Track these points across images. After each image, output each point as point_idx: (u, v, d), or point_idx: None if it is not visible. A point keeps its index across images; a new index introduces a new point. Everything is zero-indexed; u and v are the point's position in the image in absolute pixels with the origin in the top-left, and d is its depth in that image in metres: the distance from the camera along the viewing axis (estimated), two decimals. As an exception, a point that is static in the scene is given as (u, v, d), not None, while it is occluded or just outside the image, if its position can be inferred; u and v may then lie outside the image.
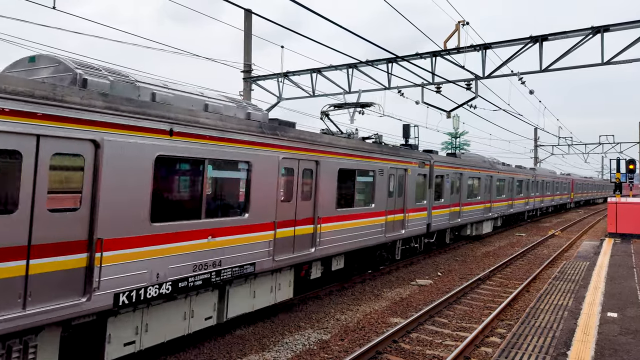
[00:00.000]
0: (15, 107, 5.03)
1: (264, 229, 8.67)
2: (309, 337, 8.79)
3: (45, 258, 5.36)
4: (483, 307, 11.35)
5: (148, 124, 6.47)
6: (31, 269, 5.22)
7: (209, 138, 7.43)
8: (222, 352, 7.88)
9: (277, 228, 9.00)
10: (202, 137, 7.31)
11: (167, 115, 6.77)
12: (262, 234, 8.61)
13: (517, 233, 27.83)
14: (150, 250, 6.54)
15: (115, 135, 6.05)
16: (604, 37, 12.85)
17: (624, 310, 9.16)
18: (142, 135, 6.40)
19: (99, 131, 5.87)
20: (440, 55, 15.26)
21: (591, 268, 13.87)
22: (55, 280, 5.44)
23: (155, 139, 6.57)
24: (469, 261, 17.74)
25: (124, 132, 6.17)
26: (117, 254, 6.11)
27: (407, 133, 25.18)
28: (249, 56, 18.03)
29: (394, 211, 13.69)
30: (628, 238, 21.34)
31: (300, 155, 9.67)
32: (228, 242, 7.82)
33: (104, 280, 5.92)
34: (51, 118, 5.35)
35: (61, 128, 5.44)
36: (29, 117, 5.15)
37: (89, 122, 5.75)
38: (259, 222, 8.55)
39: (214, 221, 7.55)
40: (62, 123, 5.46)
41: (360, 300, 11.57)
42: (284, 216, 9.24)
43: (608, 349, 6.94)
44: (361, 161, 12.06)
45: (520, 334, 7.79)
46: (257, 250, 8.49)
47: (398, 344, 8.57)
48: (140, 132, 6.38)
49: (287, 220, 9.34)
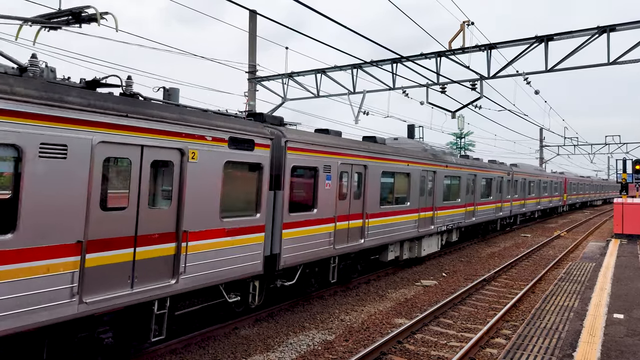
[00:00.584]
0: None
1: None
2: (313, 337, 8.79)
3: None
4: (488, 308, 11.31)
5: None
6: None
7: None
8: (227, 352, 7.90)
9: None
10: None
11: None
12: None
13: (522, 234, 27.72)
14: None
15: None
16: (610, 37, 12.79)
17: (630, 311, 9.10)
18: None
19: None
20: (445, 56, 15.23)
21: (597, 269, 13.79)
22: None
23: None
24: (474, 262, 17.68)
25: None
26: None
27: (411, 134, 25.15)
28: (254, 57, 18.07)
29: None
30: (634, 239, 21.20)
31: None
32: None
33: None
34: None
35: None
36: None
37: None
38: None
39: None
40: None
41: (365, 300, 11.56)
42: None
43: (614, 351, 6.89)
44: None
45: (525, 335, 7.76)
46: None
47: (403, 345, 8.56)
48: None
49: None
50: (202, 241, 7.54)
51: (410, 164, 14.91)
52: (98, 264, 6.05)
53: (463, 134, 60.08)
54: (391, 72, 16.23)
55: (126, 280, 6.36)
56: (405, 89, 17.09)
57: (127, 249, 6.41)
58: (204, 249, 7.57)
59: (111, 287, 6.18)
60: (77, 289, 5.76)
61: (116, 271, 6.25)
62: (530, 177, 31.32)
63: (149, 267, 6.70)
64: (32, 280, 5.31)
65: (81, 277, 5.81)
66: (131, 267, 6.47)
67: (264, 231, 8.87)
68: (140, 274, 6.57)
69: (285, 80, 18.60)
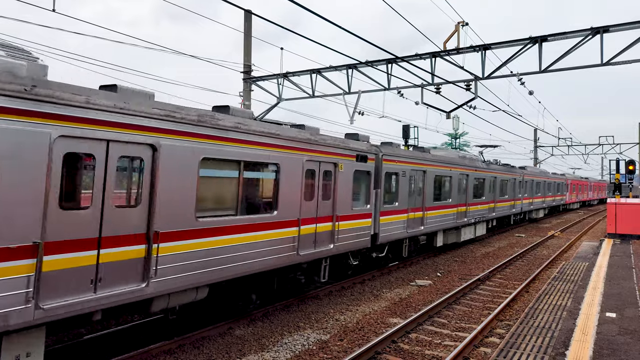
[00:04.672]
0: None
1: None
2: (308, 337, 8.80)
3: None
4: (482, 308, 11.36)
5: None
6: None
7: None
8: (221, 352, 7.89)
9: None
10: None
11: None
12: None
13: (516, 234, 27.84)
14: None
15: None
16: (603, 38, 12.88)
17: (622, 310, 9.17)
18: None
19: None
20: (439, 56, 15.28)
21: (590, 268, 13.88)
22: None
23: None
24: (469, 262, 17.75)
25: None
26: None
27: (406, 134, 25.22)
28: (249, 57, 18.06)
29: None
30: (627, 239, 21.36)
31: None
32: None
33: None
34: None
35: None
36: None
37: None
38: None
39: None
40: None
41: (360, 300, 11.58)
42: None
43: (606, 349, 6.95)
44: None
45: (519, 334, 7.81)
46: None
47: (397, 344, 8.58)
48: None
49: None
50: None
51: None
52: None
53: (458, 135, 60.25)
54: (386, 72, 16.26)
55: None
56: (400, 89, 17.13)
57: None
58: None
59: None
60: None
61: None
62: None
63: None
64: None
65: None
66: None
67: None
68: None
69: (281, 80, 18.60)
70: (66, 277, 5.71)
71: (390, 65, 16.20)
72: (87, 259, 5.95)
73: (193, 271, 7.38)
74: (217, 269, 7.84)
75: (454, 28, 15.62)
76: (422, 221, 16.17)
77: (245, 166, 8.48)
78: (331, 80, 17.61)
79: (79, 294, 5.83)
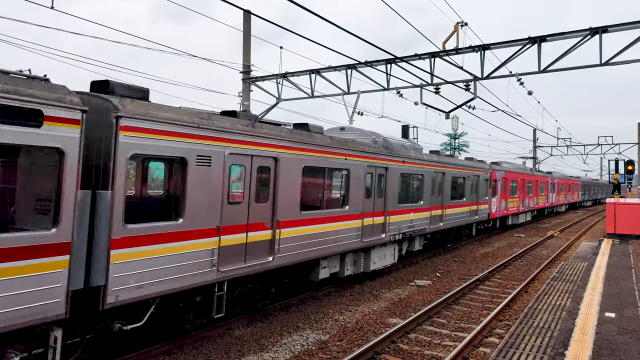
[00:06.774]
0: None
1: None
2: (307, 337, 8.79)
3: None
4: (482, 308, 11.36)
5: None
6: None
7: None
8: (221, 353, 7.88)
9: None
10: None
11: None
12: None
13: (516, 234, 27.85)
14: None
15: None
16: (602, 38, 12.88)
17: (621, 310, 9.17)
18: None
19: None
20: (439, 56, 15.27)
21: (590, 268, 13.89)
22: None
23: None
24: (468, 262, 17.75)
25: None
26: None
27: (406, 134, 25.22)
28: (248, 57, 18.05)
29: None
30: (626, 239, 21.38)
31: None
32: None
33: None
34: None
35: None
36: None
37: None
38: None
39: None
40: None
41: (359, 300, 11.58)
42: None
43: (606, 349, 6.95)
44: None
45: (518, 334, 7.81)
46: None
47: (396, 345, 8.58)
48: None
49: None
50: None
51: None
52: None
53: (457, 135, 60.27)
54: (385, 72, 16.25)
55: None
56: (399, 89, 17.12)
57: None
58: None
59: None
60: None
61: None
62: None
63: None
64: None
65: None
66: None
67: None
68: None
69: (280, 80, 18.59)
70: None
71: (389, 65, 16.19)
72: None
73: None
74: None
75: (453, 28, 15.62)
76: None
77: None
78: (330, 80, 17.62)
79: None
